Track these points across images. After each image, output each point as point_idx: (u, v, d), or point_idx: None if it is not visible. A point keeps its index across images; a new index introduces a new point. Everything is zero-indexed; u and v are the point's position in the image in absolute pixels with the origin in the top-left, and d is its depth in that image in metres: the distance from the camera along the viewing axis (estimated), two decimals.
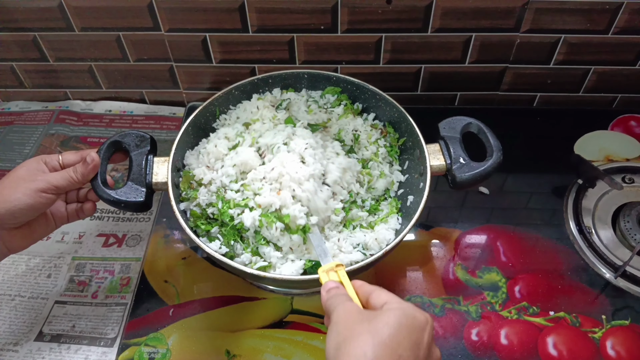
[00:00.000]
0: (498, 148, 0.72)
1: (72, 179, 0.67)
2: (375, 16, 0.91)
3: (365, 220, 0.73)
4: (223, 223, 0.68)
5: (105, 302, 0.79)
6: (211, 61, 1.01)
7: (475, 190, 0.91)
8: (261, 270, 0.63)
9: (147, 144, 0.72)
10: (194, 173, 0.72)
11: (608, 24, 0.92)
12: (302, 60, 1.01)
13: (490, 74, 1.02)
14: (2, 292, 0.81)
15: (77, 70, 1.05)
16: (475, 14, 0.91)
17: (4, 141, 1.04)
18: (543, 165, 0.95)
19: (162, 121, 1.08)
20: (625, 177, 0.90)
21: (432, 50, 0.97)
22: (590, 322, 0.75)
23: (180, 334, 0.74)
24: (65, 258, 0.85)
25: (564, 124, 1.03)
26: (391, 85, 1.03)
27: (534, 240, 0.84)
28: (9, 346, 0.74)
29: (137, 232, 0.88)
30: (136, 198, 0.68)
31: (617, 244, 0.83)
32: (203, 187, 0.72)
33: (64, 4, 0.92)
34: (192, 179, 0.72)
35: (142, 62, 1.02)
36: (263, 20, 0.93)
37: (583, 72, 1.01)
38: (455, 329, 0.74)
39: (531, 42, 0.95)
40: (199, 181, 0.72)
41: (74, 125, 1.07)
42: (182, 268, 0.81)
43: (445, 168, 0.72)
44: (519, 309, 0.76)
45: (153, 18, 0.93)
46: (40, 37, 0.99)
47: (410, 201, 0.75)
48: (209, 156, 0.74)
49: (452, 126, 0.76)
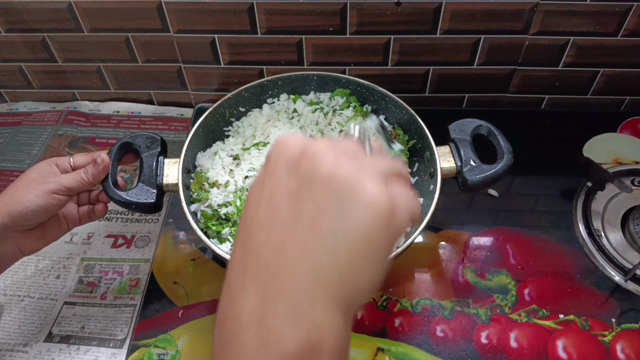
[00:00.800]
0: (509, 150, 0.72)
1: (83, 180, 0.67)
2: (384, 18, 0.91)
3: None
4: (235, 223, 0.68)
5: (114, 303, 0.79)
6: (219, 62, 1.01)
7: (484, 192, 0.91)
8: None
9: (158, 146, 0.72)
10: (208, 175, 0.72)
11: (617, 27, 0.92)
12: (310, 62, 1.01)
13: (499, 76, 1.02)
14: (12, 293, 0.81)
15: (86, 71, 1.05)
16: (485, 16, 0.91)
17: (12, 141, 1.04)
18: (551, 168, 0.95)
19: (170, 122, 1.08)
20: (635, 179, 0.90)
21: (441, 52, 0.97)
22: (600, 325, 0.75)
23: (190, 335, 0.74)
24: (74, 259, 0.85)
25: (572, 127, 1.03)
26: (399, 87, 1.03)
27: (543, 242, 0.84)
28: (19, 347, 0.74)
29: (145, 233, 0.88)
30: (147, 199, 0.68)
31: (627, 246, 0.83)
32: (215, 189, 0.72)
33: (74, 5, 0.92)
34: (204, 180, 0.72)
35: (150, 63, 1.03)
36: (272, 22, 0.93)
37: (591, 74, 1.01)
38: (465, 332, 0.74)
39: (540, 44, 0.95)
40: (212, 183, 0.72)
41: (82, 126, 1.07)
42: (192, 269, 0.81)
43: (455, 170, 0.72)
44: (528, 312, 0.76)
45: (162, 19, 0.94)
46: (49, 38, 0.99)
47: (421, 203, 0.75)
48: (224, 161, 0.74)
49: (462, 128, 0.75)
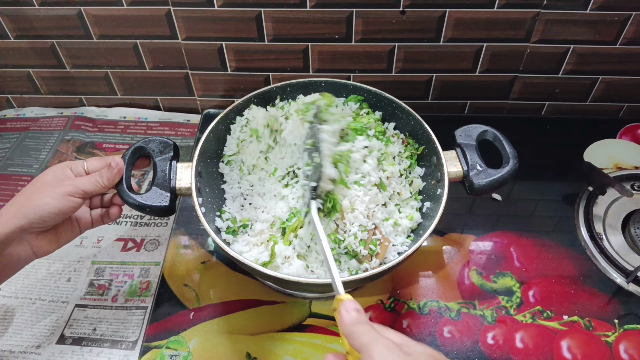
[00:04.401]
0: (514, 155, 0.74)
1: (99, 183, 0.68)
2: (389, 26, 0.94)
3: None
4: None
5: (125, 306, 0.80)
6: (226, 69, 1.03)
7: (488, 196, 0.92)
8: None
9: (171, 150, 0.74)
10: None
11: (616, 35, 0.94)
12: (315, 69, 1.03)
13: (501, 83, 1.04)
14: (23, 296, 0.81)
15: (93, 77, 1.07)
16: (487, 24, 0.93)
17: (20, 146, 1.05)
18: (553, 173, 0.97)
19: (177, 128, 1.09)
20: (635, 184, 0.92)
21: (444, 59, 1.00)
22: (604, 326, 0.76)
23: (201, 337, 0.75)
24: (84, 262, 0.86)
25: (573, 133, 1.05)
26: (403, 94, 1.04)
27: (547, 246, 0.86)
28: (32, 349, 0.75)
29: (155, 236, 0.89)
30: (161, 203, 0.69)
31: (628, 249, 0.84)
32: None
33: (84, 12, 0.94)
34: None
35: (158, 69, 1.04)
36: (279, 30, 0.95)
37: (591, 81, 1.03)
38: (472, 333, 0.76)
39: (541, 52, 0.98)
40: None
41: (90, 131, 1.08)
42: (202, 272, 0.83)
43: (462, 174, 0.74)
44: (533, 313, 0.78)
45: (171, 27, 0.95)
46: (58, 45, 1.01)
47: (427, 207, 0.77)
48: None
49: (468, 134, 0.77)
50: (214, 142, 0.80)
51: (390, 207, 0.77)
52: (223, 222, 0.74)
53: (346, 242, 0.69)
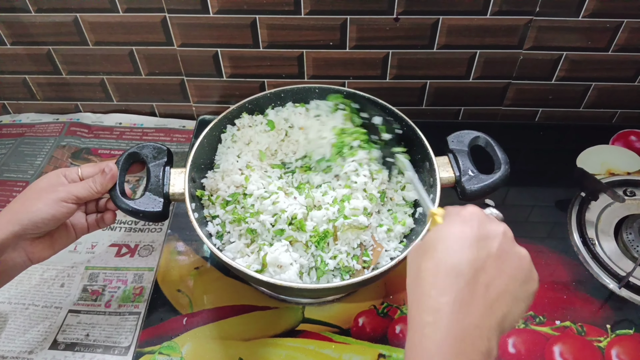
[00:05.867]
0: (505, 161, 0.74)
1: (92, 189, 0.68)
2: (383, 33, 0.94)
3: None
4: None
5: (118, 311, 0.80)
6: (222, 75, 1.03)
7: (481, 202, 0.93)
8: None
9: (164, 156, 0.74)
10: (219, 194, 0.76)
11: (608, 42, 0.95)
12: (310, 75, 1.03)
13: (494, 90, 1.05)
14: (16, 302, 0.81)
15: (89, 84, 1.07)
16: (480, 31, 0.94)
17: (15, 152, 1.06)
18: (546, 179, 0.98)
19: (172, 134, 1.10)
20: (627, 190, 0.93)
21: (438, 66, 1.00)
22: (596, 332, 0.77)
23: (194, 342, 0.75)
24: (78, 268, 0.86)
25: (566, 139, 1.06)
26: (397, 100, 1.05)
27: (539, 251, 0.86)
28: (24, 354, 0.75)
29: (149, 242, 0.89)
30: (154, 208, 0.70)
31: (620, 255, 0.85)
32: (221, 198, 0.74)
33: (80, 19, 0.94)
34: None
35: (153, 75, 1.05)
36: (274, 37, 0.95)
37: (584, 88, 1.04)
38: None
39: (534, 59, 0.98)
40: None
41: (85, 137, 1.09)
42: (195, 278, 0.83)
43: (454, 180, 0.74)
44: (525, 319, 0.78)
45: (166, 33, 0.96)
46: (54, 51, 1.01)
47: (419, 213, 0.77)
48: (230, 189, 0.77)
49: (460, 140, 0.78)
50: (207, 148, 0.80)
51: (384, 213, 0.77)
52: (214, 227, 0.74)
53: (338, 259, 0.70)
